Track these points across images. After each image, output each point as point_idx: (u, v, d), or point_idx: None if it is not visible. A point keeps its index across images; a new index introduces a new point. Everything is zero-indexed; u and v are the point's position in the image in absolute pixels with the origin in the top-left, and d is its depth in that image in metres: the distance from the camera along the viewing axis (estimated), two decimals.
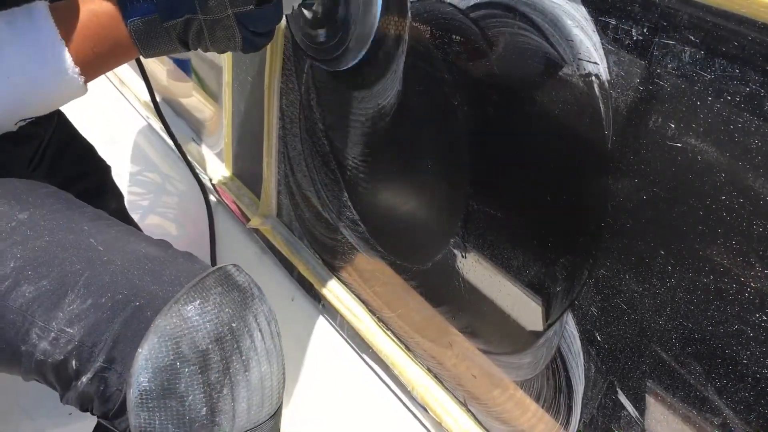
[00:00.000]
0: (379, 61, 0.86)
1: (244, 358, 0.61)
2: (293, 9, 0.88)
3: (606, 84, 0.62)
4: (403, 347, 1.00)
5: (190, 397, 0.59)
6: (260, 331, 0.63)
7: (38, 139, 0.94)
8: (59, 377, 0.63)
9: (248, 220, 1.25)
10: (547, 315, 0.74)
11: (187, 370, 0.58)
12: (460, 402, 0.92)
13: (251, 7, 0.69)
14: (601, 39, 0.61)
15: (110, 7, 0.68)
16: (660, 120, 0.58)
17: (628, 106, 0.61)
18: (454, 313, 0.89)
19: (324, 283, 1.11)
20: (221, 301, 0.61)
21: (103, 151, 1.09)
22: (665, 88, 0.57)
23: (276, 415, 0.66)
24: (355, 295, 1.08)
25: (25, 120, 0.71)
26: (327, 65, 0.95)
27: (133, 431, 0.60)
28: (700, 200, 0.57)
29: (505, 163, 0.75)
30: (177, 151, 1.19)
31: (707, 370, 0.60)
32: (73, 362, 0.61)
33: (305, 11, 0.93)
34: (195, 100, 1.48)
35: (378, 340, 1.01)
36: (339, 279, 1.10)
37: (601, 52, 0.62)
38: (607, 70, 0.61)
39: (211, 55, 1.34)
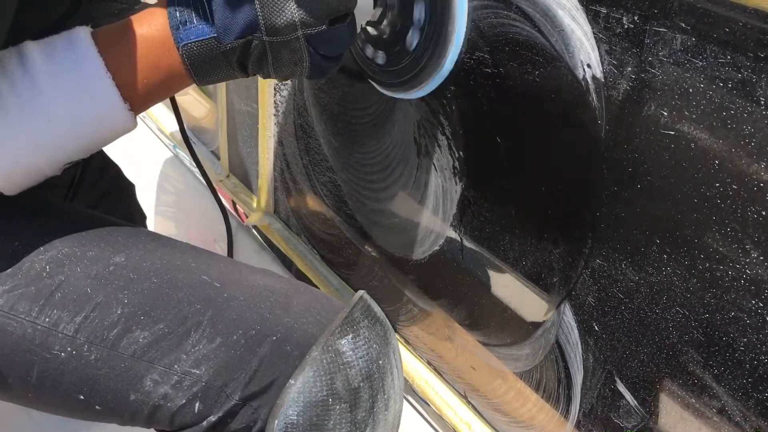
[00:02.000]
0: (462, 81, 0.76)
1: (386, 396, 0.60)
2: (360, 27, 0.77)
3: (598, 73, 0.62)
4: (402, 340, 1.00)
5: None
6: (397, 367, 0.62)
7: (72, 173, 0.89)
8: (173, 422, 0.60)
9: (246, 217, 1.25)
10: (544, 305, 0.74)
11: (338, 407, 0.57)
12: (461, 394, 0.92)
13: (324, 27, 0.59)
14: (592, 28, 0.61)
15: (160, 31, 0.60)
16: (653, 108, 0.58)
17: (621, 94, 0.60)
18: (452, 305, 0.89)
19: (322, 278, 1.11)
20: (369, 336, 0.59)
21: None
22: (657, 76, 0.57)
23: None
24: (353, 289, 1.08)
25: (70, 162, 0.63)
26: (392, 90, 0.84)
27: None
28: (694, 188, 0.57)
29: (499, 155, 0.74)
30: (174, 152, 1.19)
31: (705, 358, 0.60)
32: (197, 404, 0.58)
33: (370, 29, 0.82)
34: (191, 98, 1.48)
35: None
36: (337, 274, 1.10)
37: (593, 41, 0.61)
38: (599, 59, 0.61)
39: None
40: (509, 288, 0.79)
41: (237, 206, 1.30)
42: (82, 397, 0.60)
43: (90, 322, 0.59)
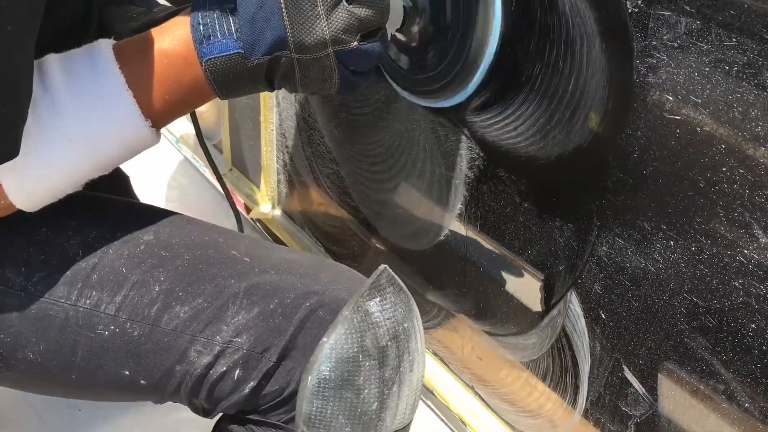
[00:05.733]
0: (499, 87, 0.72)
1: (410, 358, 0.62)
2: (390, 36, 0.73)
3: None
4: None
5: (366, 391, 0.60)
6: (419, 333, 0.64)
7: None
8: (212, 390, 0.62)
9: (249, 210, 1.24)
10: (550, 294, 0.74)
11: (367, 363, 0.60)
12: (467, 385, 0.92)
13: (355, 44, 0.58)
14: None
15: (183, 46, 0.58)
16: (658, 93, 0.58)
17: (626, 80, 0.60)
18: (457, 295, 0.88)
19: None
20: (395, 301, 0.62)
21: None
22: (662, 60, 0.57)
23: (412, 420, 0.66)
24: None
25: (91, 179, 0.62)
26: (425, 99, 0.80)
27: (300, 418, 0.61)
28: (700, 173, 0.56)
29: (502, 144, 0.74)
30: (177, 146, 1.18)
31: (713, 344, 0.59)
32: (237, 371, 0.61)
33: (399, 35, 0.78)
34: None
35: None
36: None
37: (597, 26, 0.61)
38: (602, 44, 0.61)
39: None
40: (515, 277, 0.78)
41: (240, 200, 1.29)
42: (127, 372, 0.62)
43: (130, 300, 0.61)
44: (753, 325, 0.56)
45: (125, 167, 1.08)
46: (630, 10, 0.58)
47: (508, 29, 0.68)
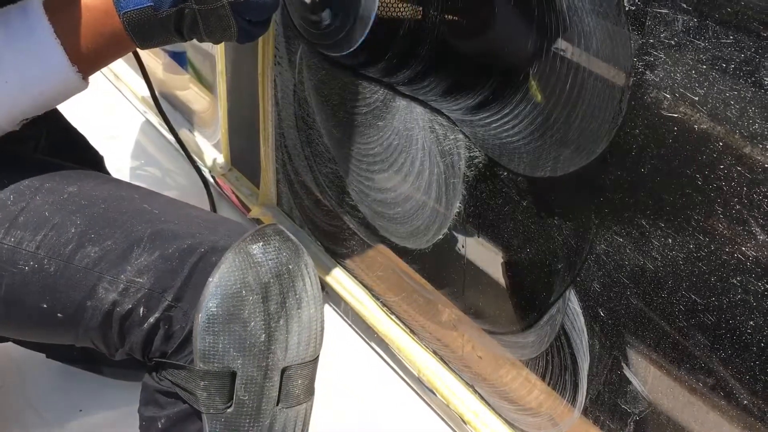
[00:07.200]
0: (381, 41, 0.83)
1: (297, 296, 0.68)
2: None
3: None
4: (408, 331, 1.00)
5: (252, 323, 0.66)
6: (309, 278, 0.70)
7: (35, 137, 0.93)
8: (122, 327, 0.68)
9: (248, 210, 1.25)
10: (549, 292, 0.74)
11: (251, 298, 0.65)
12: (467, 383, 0.92)
13: None
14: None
15: (104, 1, 0.69)
16: (655, 91, 0.58)
17: (623, 78, 0.60)
18: (457, 294, 0.88)
19: (327, 269, 1.11)
20: (280, 246, 0.68)
21: (101, 148, 1.08)
22: (659, 58, 0.57)
23: (316, 360, 0.72)
24: (358, 280, 1.07)
25: (28, 118, 0.72)
26: (329, 50, 0.92)
27: (196, 356, 0.66)
28: (698, 170, 0.56)
29: (502, 142, 0.74)
30: (177, 145, 1.18)
31: (712, 341, 0.59)
32: (141, 309, 0.67)
33: None
34: (191, 93, 1.48)
35: (383, 325, 1.01)
36: (341, 265, 1.10)
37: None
38: (600, 42, 0.61)
39: (206, 45, 1.33)
40: (514, 275, 0.78)
41: (240, 199, 1.29)
42: (45, 305, 0.69)
43: (48, 240, 0.69)
44: (751, 323, 0.56)
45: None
46: (627, 8, 0.58)
47: None
